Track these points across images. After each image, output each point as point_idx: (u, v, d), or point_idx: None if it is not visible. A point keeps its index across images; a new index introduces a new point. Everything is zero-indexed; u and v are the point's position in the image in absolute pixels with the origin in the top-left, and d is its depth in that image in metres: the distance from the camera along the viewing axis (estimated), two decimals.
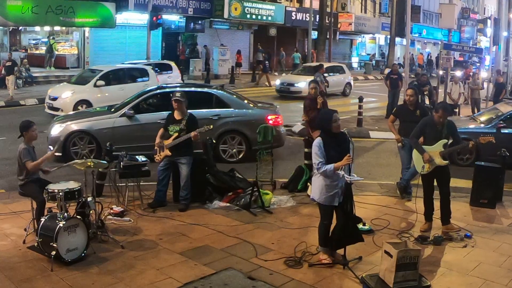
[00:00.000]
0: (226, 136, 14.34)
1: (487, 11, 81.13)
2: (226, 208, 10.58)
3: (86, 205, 8.45)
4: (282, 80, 31.73)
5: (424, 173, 9.61)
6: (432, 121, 9.69)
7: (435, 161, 9.46)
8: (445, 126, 9.58)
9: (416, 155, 9.77)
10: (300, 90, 28.90)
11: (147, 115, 14.06)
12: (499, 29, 33.47)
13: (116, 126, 13.91)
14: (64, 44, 36.81)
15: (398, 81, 24.14)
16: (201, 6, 39.72)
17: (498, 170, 11.60)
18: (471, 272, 8.00)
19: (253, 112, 14.90)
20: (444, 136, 9.54)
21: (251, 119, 14.56)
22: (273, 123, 14.29)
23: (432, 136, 9.61)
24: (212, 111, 14.24)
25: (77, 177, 9.32)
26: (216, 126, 13.57)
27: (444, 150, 9.50)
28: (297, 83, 30.05)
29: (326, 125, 7.79)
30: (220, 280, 7.54)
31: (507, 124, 14.97)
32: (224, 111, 14.45)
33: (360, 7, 58.46)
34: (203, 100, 14.53)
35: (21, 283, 7.26)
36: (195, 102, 13.70)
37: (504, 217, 10.74)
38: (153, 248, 8.60)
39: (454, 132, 9.72)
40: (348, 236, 7.94)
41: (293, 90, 29.97)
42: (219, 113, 14.28)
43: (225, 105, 14.61)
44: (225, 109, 14.53)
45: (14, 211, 9.98)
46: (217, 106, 14.52)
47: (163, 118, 11.66)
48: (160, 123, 12.13)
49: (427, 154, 9.46)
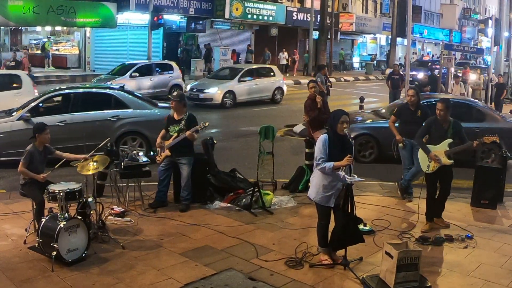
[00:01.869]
0: (126, 137, 13.99)
1: (488, 11, 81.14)
2: (227, 209, 10.58)
3: (87, 206, 8.44)
4: (192, 85, 26.75)
5: (429, 172, 9.63)
6: (437, 121, 9.73)
7: (441, 160, 9.48)
8: (451, 125, 9.62)
9: (421, 154, 9.81)
10: (211, 97, 25.23)
11: (45, 118, 12.64)
12: (500, 30, 33.47)
13: (13, 130, 13.07)
14: (65, 44, 36.83)
15: (399, 81, 24.16)
16: (202, 6, 39.73)
17: (499, 170, 11.60)
18: (472, 273, 7.99)
19: (153, 112, 14.61)
20: (449, 136, 9.57)
21: (150, 119, 14.30)
22: None
23: (437, 136, 9.66)
24: (111, 112, 13.89)
25: (78, 178, 9.31)
26: (115, 127, 13.47)
27: (449, 149, 9.53)
28: (207, 89, 25.66)
29: (333, 124, 7.80)
30: (220, 280, 7.54)
31: None
32: (123, 112, 14.10)
33: (361, 7, 58.46)
34: (102, 101, 14.21)
35: (22, 284, 7.26)
36: (94, 104, 13.84)
37: (505, 218, 10.74)
38: (154, 249, 8.60)
39: (460, 132, 9.72)
40: (349, 237, 7.93)
41: (202, 97, 25.48)
42: (118, 114, 13.95)
43: (124, 106, 14.23)
44: (124, 109, 14.17)
45: (15, 211, 9.98)
46: (116, 107, 14.11)
47: (62, 120, 11.64)
48: (58, 125, 12.43)
49: (433, 153, 9.49)
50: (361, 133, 15.00)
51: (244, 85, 26.41)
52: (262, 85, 27.32)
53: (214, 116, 22.45)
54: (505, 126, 14.90)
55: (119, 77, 26.07)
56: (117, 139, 13.60)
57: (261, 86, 27.25)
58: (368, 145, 15.01)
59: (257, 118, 22.27)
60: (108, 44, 36.07)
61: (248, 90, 26.50)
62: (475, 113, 15.07)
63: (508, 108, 23.93)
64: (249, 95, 26.52)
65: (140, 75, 26.35)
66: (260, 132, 12.15)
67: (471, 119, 14.47)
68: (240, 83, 26.22)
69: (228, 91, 25.56)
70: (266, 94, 27.55)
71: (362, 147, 15.00)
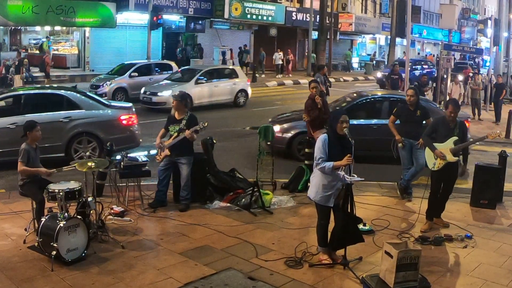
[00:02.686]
0: (78, 138, 13.72)
1: (488, 11, 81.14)
2: (227, 208, 10.59)
3: (86, 205, 8.45)
4: (145, 89, 24.76)
5: (435, 169, 9.68)
6: (444, 120, 9.88)
7: (446, 157, 9.53)
8: (457, 125, 9.76)
9: (427, 152, 9.90)
10: (164, 101, 23.17)
11: None
12: (499, 30, 33.50)
13: None
14: (65, 44, 36.82)
15: (399, 81, 24.16)
16: (201, 6, 39.71)
17: (499, 170, 11.61)
18: (472, 273, 8.00)
19: (105, 112, 14.28)
20: (455, 134, 9.64)
21: (103, 120, 14.11)
22: (126, 123, 14.12)
23: (443, 134, 9.76)
24: (63, 114, 13.53)
25: (77, 177, 9.31)
26: (68, 128, 13.25)
27: (454, 147, 9.58)
28: (160, 92, 23.89)
29: (333, 124, 7.82)
30: (220, 280, 7.54)
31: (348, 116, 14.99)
32: (75, 113, 13.75)
33: (360, 8, 58.45)
34: (54, 102, 13.86)
35: (22, 283, 7.26)
36: (45, 105, 13.57)
37: (505, 218, 10.75)
38: (154, 248, 8.61)
39: (464, 134, 9.92)
40: (348, 237, 7.94)
41: (155, 101, 23.80)
42: (70, 115, 13.61)
43: (76, 107, 13.89)
44: (76, 110, 13.82)
45: (15, 211, 9.99)
46: (68, 108, 13.76)
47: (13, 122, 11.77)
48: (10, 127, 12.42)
49: (439, 150, 9.56)
50: (299, 132, 14.88)
51: (202, 87, 24.62)
52: (223, 88, 25.66)
53: None
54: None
55: (118, 77, 26.12)
56: (70, 141, 13.45)
57: (221, 88, 25.57)
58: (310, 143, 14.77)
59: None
60: (107, 44, 36.04)
61: (206, 93, 24.79)
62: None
63: (507, 108, 23.90)
64: (207, 98, 24.78)
65: (140, 75, 26.37)
66: (260, 132, 12.15)
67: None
68: (197, 86, 24.36)
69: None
70: (228, 97, 25.74)
71: (301, 145, 14.51)
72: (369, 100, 15.95)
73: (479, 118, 25.53)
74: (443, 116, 10.00)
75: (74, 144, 13.57)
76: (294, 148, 14.85)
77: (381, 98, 16.01)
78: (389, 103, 15.00)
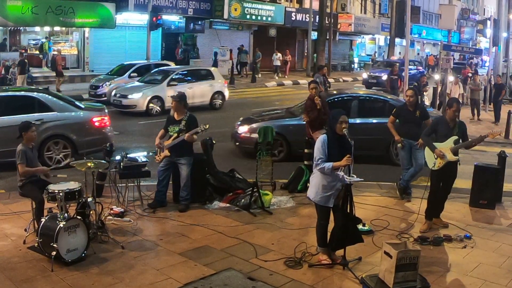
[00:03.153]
0: (51, 141, 13.54)
1: (487, 12, 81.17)
2: (226, 209, 10.60)
3: (86, 206, 8.47)
4: (116, 91, 23.85)
5: (435, 169, 9.70)
6: (444, 120, 9.93)
7: (446, 157, 9.55)
8: (457, 125, 9.78)
9: (427, 151, 9.91)
10: (134, 103, 22.64)
11: None
12: (498, 30, 33.49)
13: None
14: (64, 44, 36.79)
15: (398, 81, 24.15)
16: (201, 7, 39.68)
17: (498, 171, 11.62)
18: (471, 273, 8.02)
19: (77, 114, 14.13)
20: (455, 134, 9.66)
21: (75, 122, 13.95)
22: (98, 125, 13.98)
23: (443, 134, 9.79)
24: (35, 116, 13.10)
25: (77, 178, 9.33)
26: (40, 131, 12.80)
27: (454, 146, 9.60)
28: (131, 94, 23.00)
29: (332, 124, 7.83)
30: (220, 280, 7.55)
31: None
32: (48, 115, 13.57)
33: (359, 8, 58.45)
34: (25, 105, 13.61)
35: (22, 283, 7.27)
36: (17, 107, 13.36)
37: (504, 218, 10.76)
38: (153, 249, 8.62)
39: (464, 133, 9.93)
40: (348, 237, 7.95)
41: (125, 104, 22.88)
42: (42, 118, 13.37)
43: (48, 109, 13.71)
44: (49, 113, 13.63)
45: (14, 211, 10.00)
46: (40, 110, 13.54)
47: None
48: None
49: (438, 149, 9.58)
50: None
51: (174, 89, 21.98)
52: (197, 90, 24.39)
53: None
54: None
55: (117, 78, 26.08)
56: (42, 143, 13.18)
57: (196, 90, 24.26)
58: (276, 143, 14.50)
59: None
60: (106, 44, 35.99)
61: None
62: (387, 108, 14.79)
63: (506, 109, 23.91)
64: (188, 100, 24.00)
65: (139, 75, 26.25)
66: (259, 132, 12.15)
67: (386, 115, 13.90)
68: (170, 88, 23.00)
69: (154, 96, 23.00)
70: (203, 100, 24.55)
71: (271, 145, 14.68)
72: (345, 99, 15.87)
73: (478, 119, 25.54)
74: (443, 116, 10.04)
75: (47, 147, 13.40)
76: None
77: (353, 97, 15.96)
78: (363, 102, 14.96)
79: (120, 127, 18.64)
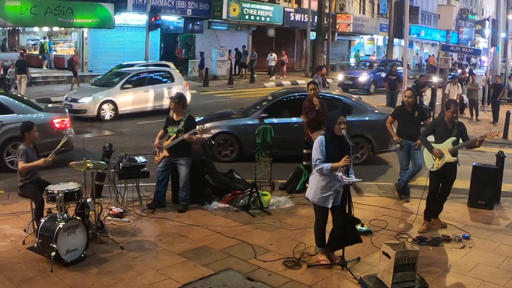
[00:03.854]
0: (10, 144, 13.24)
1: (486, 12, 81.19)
2: (225, 209, 10.62)
3: (85, 206, 8.48)
4: (67, 95, 22.96)
5: (434, 170, 9.71)
6: (443, 121, 9.91)
7: (444, 157, 9.56)
8: (455, 126, 9.77)
9: (426, 152, 9.91)
10: (85, 108, 21.30)
11: None
12: (497, 30, 33.48)
13: None
14: (63, 45, 36.80)
15: (397, 82, 24.17)
16: (199, 7, 39.69)
17: (496, 171, 11.64)
18: (469, 273, 8.03)
19: (38, 116, 13.58)
20: (453, 135, 9.66)
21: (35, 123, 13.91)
22: (59, 127, 13.78)
23: (442, 135, 9.80)
24: None
25: (76, 178, 9.34)
26: None
27: (453, 147, 9.61)
28: (81, 98, 21.68)
29: (330, 125, 7.85)
30: (219, 280, 7.57)
31: (269, 115, 14.88)
32: (7, 117, 13.27)
33: (358, 8, 58.43)
34: None
35: (21, 284, 7.28)
36: None
37: (502, 218, 10.78)
38: (152, 249, 8.64)
39: (463, 133, 9.92)
40: (346, 237, 7.96)
41: (76, 108, 21.20)
42: (1, 120, 13.17)
43: (8, 111, 13.39)
44: (8, 115, 13.32)
45: (14, 212, 10.01)
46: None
47: None
48: None
49: (436, 149, 9.59)
50: (220, 132, 14.77)
51: (129, 93, 22.34)
52: (154, 93, 23.05)
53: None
54: (372, 118, 15.17)
55: None
56: (2, 146, 13.11)
57: (153, 93, 22.99)
58: (228, 143, 14.72)
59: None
60: (105, 44, 36.00)
61: (134, 99, 22.42)
62: (341, 107, 14.77)
63: (505, 109, 23.95)
64: (136, 105, 22.40)
65: None
66: (258, 133, 12.17)
67: None
68: (123, 91, 22.18)
69: (106, 100, 21.62)
70: (160, 103, 23.03)
71: (222, 146, 14.71)
72: (291, 98, 15.67)
73: (477, 119, 25.59)
74: (442, 116, 10.05)
75: (6, 151, 13.23)
76: (213, 149, 14.15)
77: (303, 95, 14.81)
78: None
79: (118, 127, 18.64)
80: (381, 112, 15.65)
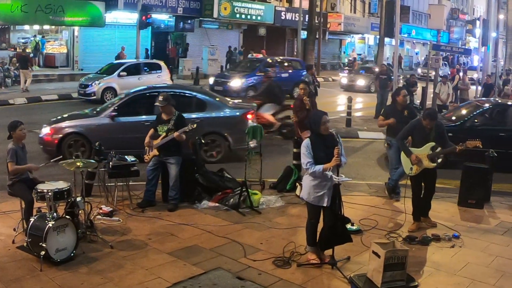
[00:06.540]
0: None
1: (476, 12, 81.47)
2: (215, 208, 10.60)
3: (75, 205, 8.45)
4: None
5: (412, 174, 9.69)
6: (420, 124, 9.79)
7: (423, 163, 9.54)
8: (433, 128, 9.66)
9: (403, 156, 9.85)
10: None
11: None
12: (488, 30, 33.64)
13: None
14: (54, 43, 36.68)
15: (387, 81, 24.23)
16: (190, 6, 39.65)
17: (486, 170, 11.67)
18: (459, 272, 8.06)
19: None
20: (432, 139, 9.62)
21: None
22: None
23: (420, 138, 9.70)
24: None
25: (66, 177, 9.31)
26: None
27: (431, 152, 9.59)
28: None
29: (315, 127, 7.85)
30: (209, 280, 7.56)
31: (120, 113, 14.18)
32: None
33: (349, 7, 58.55)
34: None
35: (10, 283, 7.25)
36: None
37: (492, 218, 10.81)
38: (142, 248, 8.62)
39: (443, 134, 9.79)
40: (336, 237, 7.97)
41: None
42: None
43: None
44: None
45: (3, 211, 9.96)
46: None
47: None
48: None
49: (414, 155, 9.54)
50: (70, 132, 13.99)
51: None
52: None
53: None
54: (228, 114, 14.77)
55: (107, 76, 26.05)
56: None
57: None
58: (78, 143, 13.96)
59: None
60: (96, 43, 35.91)
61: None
62: (195, 103, 14.60)
63: None
64: None
65: (128, 74, 26.25)
66: (248, 132, 12.16)
67: (191, 110, 14.05)
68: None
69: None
70: None
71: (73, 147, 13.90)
72: (147, 95, 14.85)
73: None
74: (419, 120, 9.97)
75: None
76: (64, 151, 13.51)
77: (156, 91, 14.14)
78: None
79: None
80: (238, 108, 15.36)
